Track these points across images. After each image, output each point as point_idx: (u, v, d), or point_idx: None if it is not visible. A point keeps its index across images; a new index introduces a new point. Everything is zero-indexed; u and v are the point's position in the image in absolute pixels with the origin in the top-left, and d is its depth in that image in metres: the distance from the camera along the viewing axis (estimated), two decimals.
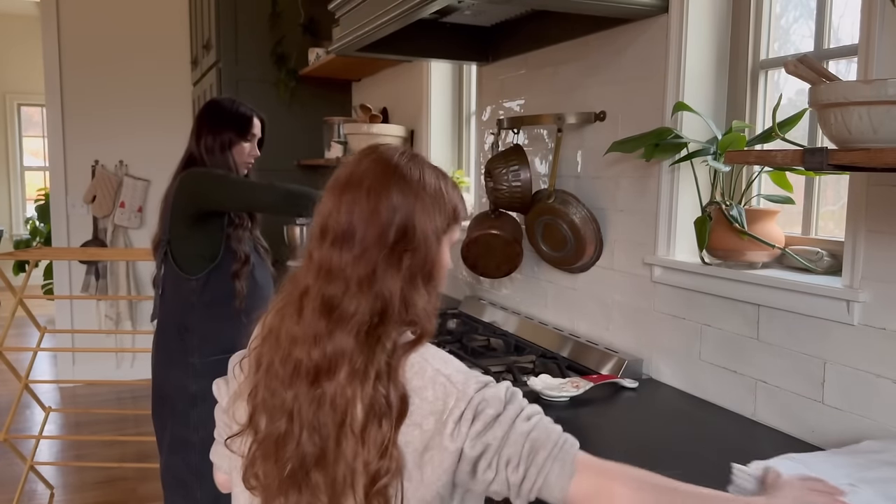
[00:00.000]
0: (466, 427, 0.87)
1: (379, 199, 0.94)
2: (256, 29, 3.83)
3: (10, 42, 7.93)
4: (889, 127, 0.96)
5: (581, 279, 2.10)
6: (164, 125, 4.73)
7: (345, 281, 0.92)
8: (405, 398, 0.89)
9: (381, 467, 0.87)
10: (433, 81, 3.07)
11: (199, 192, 2.08)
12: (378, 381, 0.89)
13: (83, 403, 4.50)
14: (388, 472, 0.87)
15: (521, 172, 2.10)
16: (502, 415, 0.89)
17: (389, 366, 0.90)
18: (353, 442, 0.88)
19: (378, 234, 0.93)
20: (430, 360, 0.93)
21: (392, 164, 0.97)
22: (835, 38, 1.54)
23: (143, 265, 4.84)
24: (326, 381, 0.90)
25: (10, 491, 3.18)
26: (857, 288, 1.31)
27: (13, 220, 8.35)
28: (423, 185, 0.96)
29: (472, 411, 0.88)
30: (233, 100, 2.27)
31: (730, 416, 1.56)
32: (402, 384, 0.90)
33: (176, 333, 2.14)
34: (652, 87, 1.79)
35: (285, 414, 0.92)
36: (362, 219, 0.93)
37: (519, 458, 0.87)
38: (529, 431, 0.88)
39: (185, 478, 2.12)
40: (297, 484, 0.91)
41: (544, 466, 0.87)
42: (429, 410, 0.89)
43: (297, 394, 0.92)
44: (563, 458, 0.88)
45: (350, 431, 0.89)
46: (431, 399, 0.89)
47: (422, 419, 0.89)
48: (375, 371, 0.89)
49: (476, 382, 0.90)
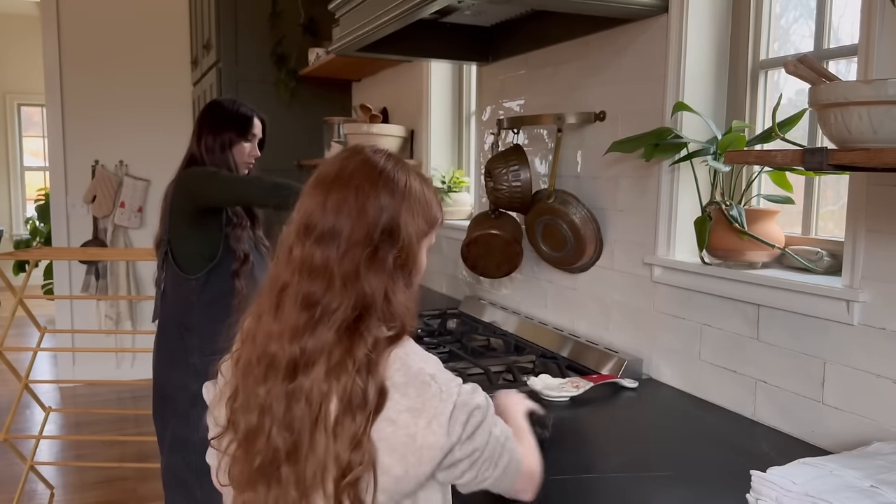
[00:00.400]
0: (459, 428, 0.90)
1: (367, 199, 0.96)
2: (256, 29, 3.83)
3: (10, 42, 7.94)
4: (889, 127, 0.96)
5: (581, 279, 2.10)
6: (164, 125, 4.73)
7: (328, 277, 0.94)
8: (384, 392, 0.91)
9: (351, 460, 0.88)
10: (433, 81, 3.07)
11: (193, 190, 2.08)
12: (357, 374, 0.90)
13: (83, 403, 4.50)
14: (359, 464, 0.88)
15: (521, 172, 2.10)
16: (486, 420, 0.94)
17: (370, 359, 0.91)
18: (326, 436, 0.90)
19: (365, 233, 0.95)
20: (413, 358, 0.95)
21: (380, 167, 1.00)
22: (835, 38, 1.54)
23: (143, 265, 4.84)
24: (302, 375, 0.92)
25: (10, 491, 3.18)
26: (857, 288, 1.31)
27: (13, 220, 8.35)
28: (410, 189, 1.00)
29: (465, 412, 0.91)
30: (233, 100, 2.28)
31: (730, 415, 1.56)
32: (382, 378, 0.91)
33: (177, 333, 2.14)
34: (652, 87, 1.79)
35: (257, 408, 0.94)
36: (350, 217, 0.95)
37: (492, 460, 0.95)
38: (499, 436, 0.97)
39: (185, 477, 2.12)
40: (267, 478, 0.93)
41: (508, 466, 0.98)
42: (406, 407, 0.90)
43: (270, 389, 0.94)
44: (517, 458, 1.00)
45: (323, 425, 0.90)
46: (413, 396, 0.91)
47: (397, 415, 0.90)
48: (356, 364, 0.91)
49: (457, 384, 0.93)
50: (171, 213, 2.13)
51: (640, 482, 1.22)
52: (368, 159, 1.00)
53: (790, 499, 1.00)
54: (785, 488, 1.01)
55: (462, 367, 1.86)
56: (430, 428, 0.89)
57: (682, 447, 1.40)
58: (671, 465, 1.29)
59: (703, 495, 1.17)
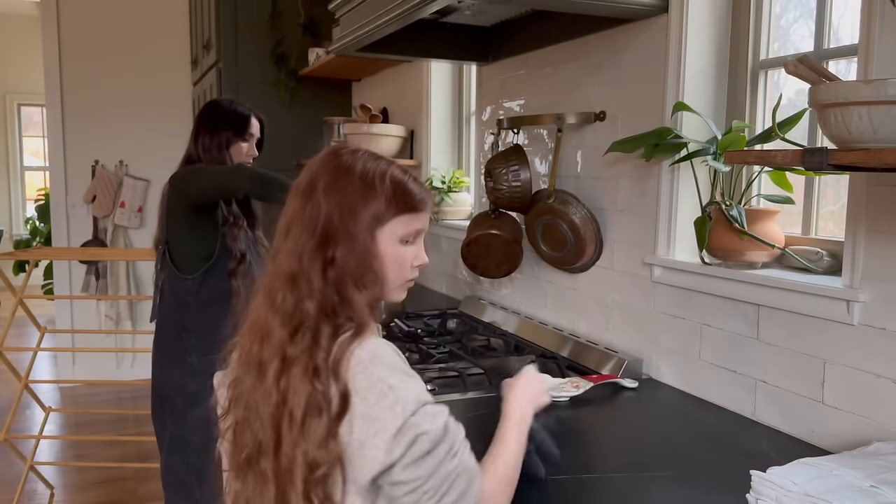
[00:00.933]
0: (402, 449, 0.87)
1: (308, 198, 0.98)
2: (256, 29, 3.83)
3: (10, 42, 7.94)
4: (889, 127, 0.96)
5: (581, 279, 2.10)
6: (164, 125, 4.73)
7: (280, 277, 0.96)
8: (346, 395, 0.90)
9: (318, 458, 0.88)
10: (433, 81, 3.07)
11: (183, 187, 2.08)
12: (316, 378, 0.90)
13: (83, 403, 4.50)
14: (325, 462, 0.88)
15: (521, 172, 2.10)
16: (436, 450, 0.89)
17: (331, 362, 0.91)
18: (295, 433, 0.90)
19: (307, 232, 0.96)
20: (377, 363, 0.92)
21: (328, 161, 1.01)
22: (835, 38, 1.53)
23: (143, 265, 4.84)
24: (275, 375, 0.93)
25: (10, 491, 3.18)
26: (857, 288, 1.31)
27: (13, 220, 8.35)
28: (352, 180, 0.98)
29: (411, 434, 0.88)
30: (231, 100, 2.28)
31: (730, 415, 1.56)
32: (345, 381, 0.90)
33: (174, 333, 2.14)
34: (652, 87, 1.79)
35: (245, 402, 0.97)
36: (295, 217, 0.98)
37: (438, 492, 0.89)
38: (453, 470, 0.90)
39: (184, 477, 2.12)
40: (251, 471, 0.95)
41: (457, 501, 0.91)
42: (362, 413, 0.89)
43: (253, 384, 0.96)
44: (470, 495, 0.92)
45: (290, 422, 0.91)
46: (372, 402, 0.89)
47: (353, 419, 0.89)
48: (318, 368, 0.91)
49: (415, 402, 0.90)
50: (168, 213, 2.13)
51: (640, 482, 1.22)
52: (324, 155, 1.02)
53: (790, 499, 1.00)
54: (785, 488, 1.01)
55: (462, 367, 1.86)
56: (375, 439, 0.88)
57: (682, 447, 1.40)
58: (671, 465, 1.29)
59: (703, 495, 1.17)
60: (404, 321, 2.36)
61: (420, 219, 1.03)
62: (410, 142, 3.26)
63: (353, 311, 0.95)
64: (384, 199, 0.98)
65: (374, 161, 1.01)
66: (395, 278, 1.02)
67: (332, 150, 1.04)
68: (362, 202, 0.97)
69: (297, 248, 0.96)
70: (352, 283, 0.96)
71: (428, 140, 3.10)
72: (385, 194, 0.99)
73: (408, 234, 1.02)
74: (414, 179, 1.04)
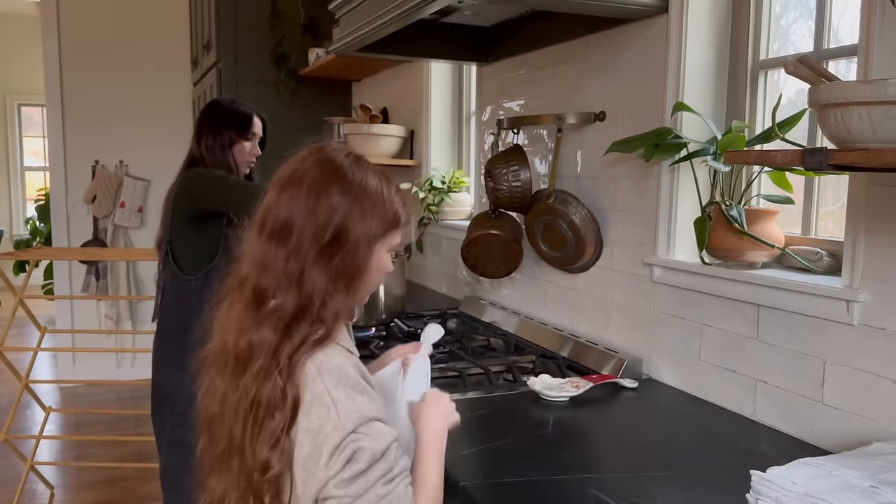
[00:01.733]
0: (338, 465, 0.88)
1: (318, 199, 0.96)
2: (256, 29, 3.83)
3: (10, 42, 7.94)
4: (889, 127, 0.96)
5: (581, 279, 2.10)
6: (164, 125, 4.73)
7: (276, 274, 0.95)
8: (297, 401, 0.91)
9: (269, 458, 0.89)
10: (433, 81, 3.07)
11: (199, 193, 2.08)
12: (279, 375, 0.91)
13: (83, 403, 4.50)
14: (277, 463, 0.89)
15: (521, 172, 2.10)
16: (369, 471, 0.89)
17: (290, 361, 0.92)
18: (254, 430, 0.91)
19: (313, 233, 0.95)
20: (326, 374, 0.92)
21: (335, 165, 0.98)
22: (835, 38, 1.53)
23: (143, 265, 4.84)
24: (244, 370, 0.94)
25: (10, 491, 3.18)
26: (856, 288, 1.31)
27: (13, 220, 8.35)
28: (364, 189, 0.98)
29: (349, 451, 0.88)
30: (233, 99, 2.28)
31: (730, 416, 1.56)
32: (297, 386, 0.91)
33: (175, 334, 2.14)
34: (652, 88, 1.79)
35: (218, 397, 0.97)
36: (300, 216, 0.95)
37: None
38: (383, 496, 0.89)
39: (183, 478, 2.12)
40: (224, 466, 0.96)
41: None
42: (305, 427, 0.90)
43: (224, 380, 0.97)
44: None
45: (253, 420, 0.91)
46: (314, 417, 0.90)
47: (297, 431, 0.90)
48: (279, 365, 0.92)
49: (358, 417, 0.90)
50: (173, 214, 2.13)
51: (640, 482, 1.22)
52: (324, 157, 1.00)
53: (790, 499, 1.00)
54: (785, 488, 1.01)
55: (462, 367, 1.86)
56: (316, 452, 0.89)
57: (682, 447, 1.40)
58: (671, 465, 1.29)
59: (703, 495, 1.17)
60: (404, 321, 2.36)
61: (405, 230, 1.06)
62: (410, 142, 3.26)
63: (326, 317, 0.95)
64: (392, 213, 1.01)
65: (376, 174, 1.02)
66: (373, 286, 1.04)
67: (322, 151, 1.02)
68: (374, 214, 0.98)
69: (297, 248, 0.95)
70: (341, 288, 0.96)
71: (428, 140, 3.10)
72: (392, 208, 1.01)
73: (396, 245, 1.04)
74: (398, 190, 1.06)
